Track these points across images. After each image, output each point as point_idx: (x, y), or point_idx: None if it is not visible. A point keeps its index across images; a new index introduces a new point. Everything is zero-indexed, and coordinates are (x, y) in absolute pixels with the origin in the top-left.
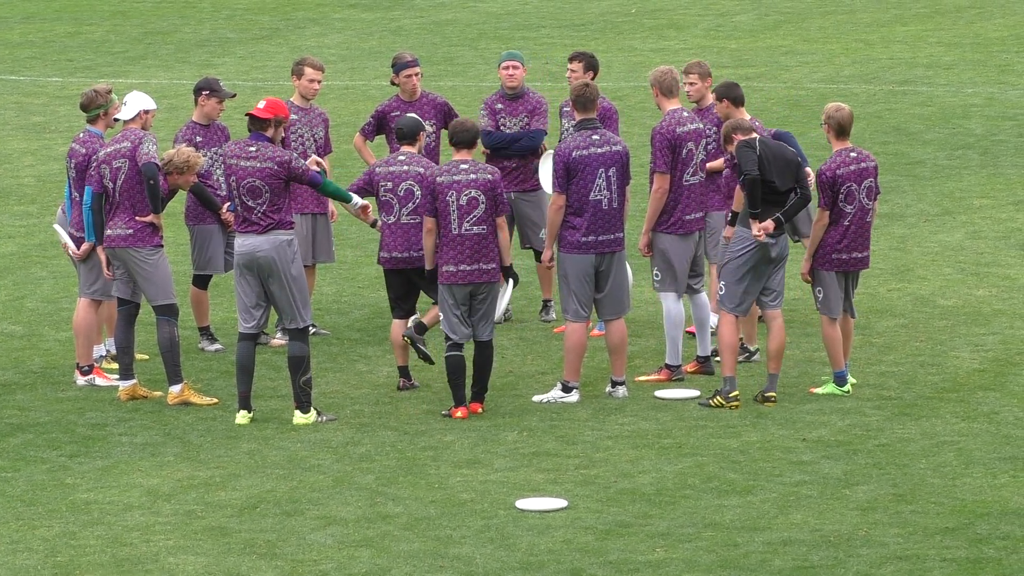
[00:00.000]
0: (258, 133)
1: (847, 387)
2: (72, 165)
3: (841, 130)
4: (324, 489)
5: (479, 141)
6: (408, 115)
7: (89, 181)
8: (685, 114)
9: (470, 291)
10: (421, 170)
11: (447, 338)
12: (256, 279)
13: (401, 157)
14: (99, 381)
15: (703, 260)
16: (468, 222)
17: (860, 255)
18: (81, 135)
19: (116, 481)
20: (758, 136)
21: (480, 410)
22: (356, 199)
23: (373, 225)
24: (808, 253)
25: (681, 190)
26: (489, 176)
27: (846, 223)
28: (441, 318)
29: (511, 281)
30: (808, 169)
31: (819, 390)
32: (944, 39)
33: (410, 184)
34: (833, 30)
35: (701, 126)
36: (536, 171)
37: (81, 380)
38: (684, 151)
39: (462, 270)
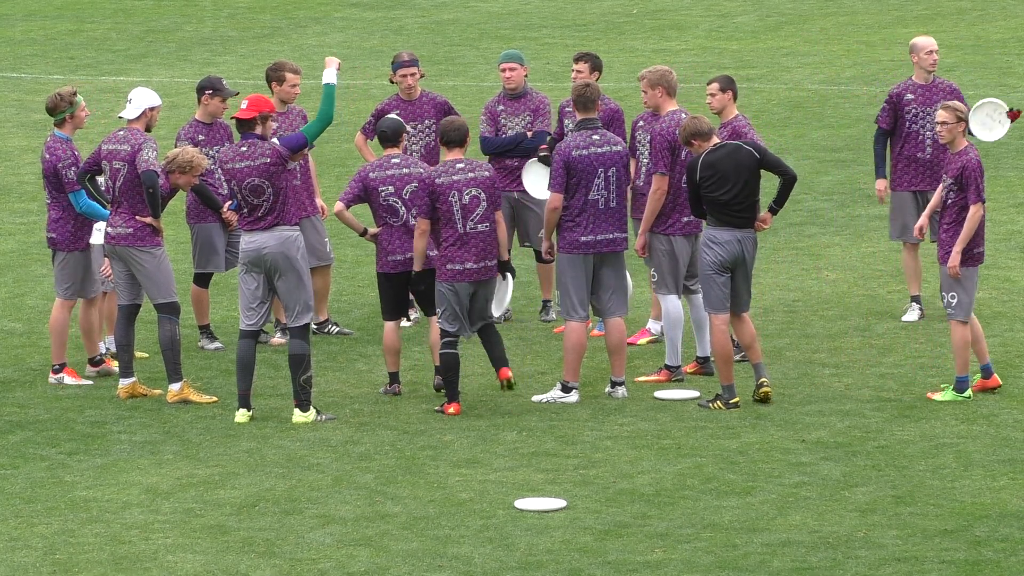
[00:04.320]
0: (248, 134)
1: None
2: (41, 172)
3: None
4: (323, 488)
5: (468, 139)
6: (389, 117)
7: (87, 166)
8: (684, 116)
9: (475, 288)
10: (422, 171)
11: (444, 333)
12: (261, 276)
13: (395, 160)
14: (68, 380)
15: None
16: (472, 220)
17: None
18: (48, 140)
19: (115, 479)
20: (708, 148)
21: (510, 374)
22: (332, 80)
23: (363, 234)
24: (958, 248)
25: (679, 192)
26: (487, 173)
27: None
28: (438, 313)
29: (510, 276)
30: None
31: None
32: (945, 41)
33: (415, 186)
34: (834, 32)
35: None
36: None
37: (91, 371)
38: (683, 153)
39: (468, 268)
